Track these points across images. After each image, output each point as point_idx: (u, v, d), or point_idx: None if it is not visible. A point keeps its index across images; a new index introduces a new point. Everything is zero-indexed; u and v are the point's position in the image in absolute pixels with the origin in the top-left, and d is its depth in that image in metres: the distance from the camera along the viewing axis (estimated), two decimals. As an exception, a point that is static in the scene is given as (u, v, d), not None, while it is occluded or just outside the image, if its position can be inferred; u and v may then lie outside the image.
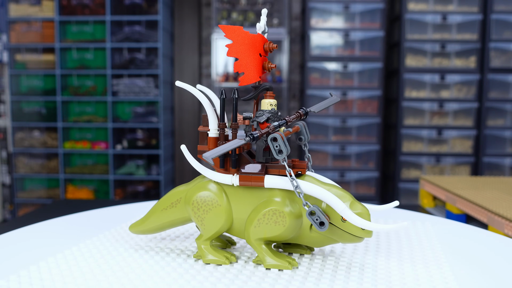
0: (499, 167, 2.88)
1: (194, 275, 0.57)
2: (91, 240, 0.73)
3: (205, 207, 0.61)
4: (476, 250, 0.70)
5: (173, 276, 0.57)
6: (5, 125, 3.25)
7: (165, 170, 3.11)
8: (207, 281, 0.55)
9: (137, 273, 0.58)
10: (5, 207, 3.29)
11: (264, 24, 0.65)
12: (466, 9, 2.84)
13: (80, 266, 0.60)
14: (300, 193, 0.57)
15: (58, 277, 0.56)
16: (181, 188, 0.67)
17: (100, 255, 0.65)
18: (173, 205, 0.66)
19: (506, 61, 2.84)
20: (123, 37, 2.95)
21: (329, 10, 2.90)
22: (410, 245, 0.71)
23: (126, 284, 0.54)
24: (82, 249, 0.68)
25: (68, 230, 0.81)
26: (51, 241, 0.73)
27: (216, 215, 0.61)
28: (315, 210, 0.56)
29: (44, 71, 3.00)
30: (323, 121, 2.91)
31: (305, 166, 0.61)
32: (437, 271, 0.59)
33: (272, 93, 0.62)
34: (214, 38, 3.10)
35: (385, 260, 0.64)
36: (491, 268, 0.62)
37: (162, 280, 0.55)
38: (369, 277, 0.57)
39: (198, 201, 0.62)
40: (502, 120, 2.87)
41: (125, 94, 2.98)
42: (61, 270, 0.59)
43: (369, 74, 2.92)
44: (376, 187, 2.95)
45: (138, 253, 0.66)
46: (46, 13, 2.96)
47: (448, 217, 1.32)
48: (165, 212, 0.67)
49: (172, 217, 0.67)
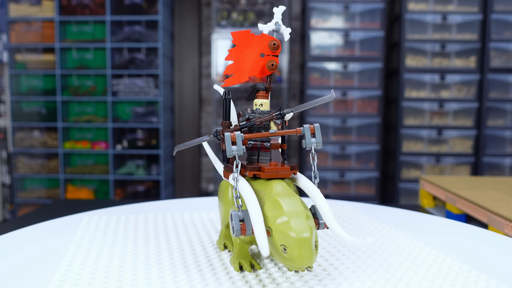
0: (499, 167, 2.88)
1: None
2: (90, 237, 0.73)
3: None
4: (476, 250, 0.70)
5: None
6: (5, 125, 3.25)
7: (165, 170, 3.11)
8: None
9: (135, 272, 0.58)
10: (5, 207, 3.29)
11: (274, 23, 0.63)
12: (466, 9, 2.84)
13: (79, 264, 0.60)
14: (236, 193, 0.53)
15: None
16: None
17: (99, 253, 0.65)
18: None
19: (506, 61, 2.84)
20: (123, 37, 2.95)
21: (329, 10, 2.90)
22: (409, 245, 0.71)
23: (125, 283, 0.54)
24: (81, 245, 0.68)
25: (68, 230, 0.81)
26: (51, 241, 0.73)
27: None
28: (233, 214, 0.50)
29: (44, 71, 3.00)
30: (323, 121, 2.91)
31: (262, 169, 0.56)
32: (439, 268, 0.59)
33: (264, 93, 0.61)
34: (214, 38, 3.10)
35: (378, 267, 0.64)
36: (491, 268, 0.62)
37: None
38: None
39: None
40: (502, 120, 2.87)
41: (125, 94, 2.98)
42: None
43: (369, 74, 2.92)
44: (376, 187, 2.95)
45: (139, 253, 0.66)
46: (46, 13, 2.96)
47: (448, 217, 1.32)
48: None
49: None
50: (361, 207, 1.03)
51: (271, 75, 0.63)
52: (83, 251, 0.68)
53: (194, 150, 3.45)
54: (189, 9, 3.35)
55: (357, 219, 0.90)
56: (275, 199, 0.51)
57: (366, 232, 0.79)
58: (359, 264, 0.62)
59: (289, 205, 0.49)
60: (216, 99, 3.17)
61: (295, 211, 0.49)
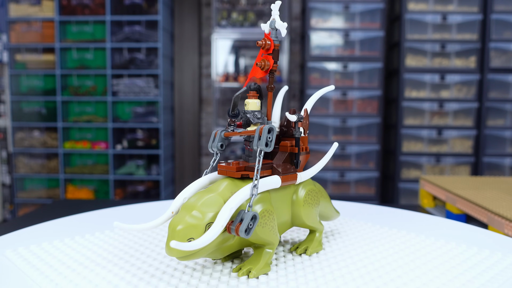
0: (499, 167, 2.88)
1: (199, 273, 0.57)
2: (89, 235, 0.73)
3: None
4: (475, 250, 0.70)
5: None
6: (5, 125, 3.25)
7: (165, 170, 3.11)
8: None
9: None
10: (5, 207, 3.29)
11: (271, 21, 0.62)
12: (466, 9, 2.84)
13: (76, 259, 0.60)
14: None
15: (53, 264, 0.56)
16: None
17: (99, 252, 0.65)
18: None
19: (506, 61, 2.84)
20: (123, 37, 2.95)
21: (329, 10, 2.90)
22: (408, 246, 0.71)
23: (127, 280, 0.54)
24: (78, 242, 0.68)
25: (68, 230, 0.81)
26: (51, 242, 0.73)
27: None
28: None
29: (44, 71, 3.00)
30: (323, 121, 2.91)
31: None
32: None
33: (254, 93, 0.62)
34: (214, 38, 3.10)
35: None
36: (492, 268, 0.62)
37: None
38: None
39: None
40: (502, 120, 2.87)
41: (125, 94, 2.98)
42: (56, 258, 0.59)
43: (369, 74, 2.92)
44: (376, 187, 2.95)
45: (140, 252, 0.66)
46: (46, 13, 2.96)
47: (448, 217, 1.32)
48: None
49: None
50: (361, 207, 1.03)
51: (271, 75, 0.63)
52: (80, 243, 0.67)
53: (194, 150, 3.45)
54: (189, 9, 3.35)
55: (357, 220, 0.89)
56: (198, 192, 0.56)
57: (367, 232, 0.79)
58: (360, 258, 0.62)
59: (192, 199, 0.53)
60: (216, 99, 3.17)
61: (188, 205, 0.53)
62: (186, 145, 3.45)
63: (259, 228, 0.54)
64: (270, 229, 0.56)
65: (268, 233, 0.56)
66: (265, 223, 0.55)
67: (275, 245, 0.58)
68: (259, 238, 0.55)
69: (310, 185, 0.66)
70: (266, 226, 0.56)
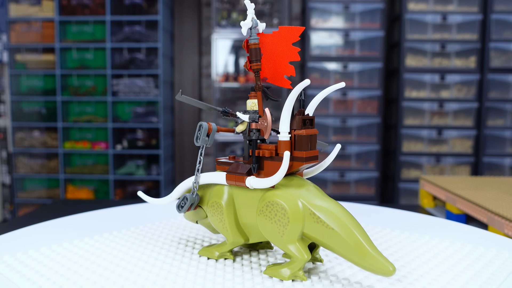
0: (499, 167, 2.88)
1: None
2: (91, 237, 0.73)
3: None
4: (476, 250, 0.70)
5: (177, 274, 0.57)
6: (5, 125, 3.25)
7: (165, 170, 3.11)
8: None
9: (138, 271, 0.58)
10: (5, 207, 3.29)
11: (249, 21, 0.62)
12: (466, 9, 2.84)
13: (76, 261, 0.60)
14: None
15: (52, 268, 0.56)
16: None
17: (99, 252, 0.65)
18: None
19: (506, 61, 2.84)
20: (123, 37, 2.95)
21: (329, 10, 2.90)
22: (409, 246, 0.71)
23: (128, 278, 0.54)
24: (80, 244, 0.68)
25: (68, 230, 0.81)
26: (51, 242, 0.73)
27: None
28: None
29: (44, 71, 3.00)
30: (323, 121, 2.91)
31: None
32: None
33: (253, 93, 0.64)
34: (214, 38, 3.10)
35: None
36: (491, 268, 0.62)
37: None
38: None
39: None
40: (502, 120, 2.87)
41: (125, 94, 2.98)
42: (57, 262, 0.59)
43: (369, 74, 2.92)
44: (376, 187, 2.95)
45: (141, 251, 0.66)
46: (46, 13, 2.96)
47: (448, 217, 1.32)
48: None
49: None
50: (361, 207, 1.03)
51: (256, 74, 0.64)
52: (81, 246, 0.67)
53: (194, 150, 3.45)
54: (189, 9, 3.35)
55: (358, 221, 0.89)
56: None
57: (371, 234, 0.79)
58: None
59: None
60: (216, 99, 3.17)
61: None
62: (186, 145, 3.46)
63: (210, 215, 0.63)
64: (219, 221, 0.62)
65: (217, 224, 0.63)
66: (213, 213, 0.63)
67: (231, 241, 0.62)
68: (211, 227, 0.68)
69: (279, 198, 0.56)
70: (214, 216, 0.63)
